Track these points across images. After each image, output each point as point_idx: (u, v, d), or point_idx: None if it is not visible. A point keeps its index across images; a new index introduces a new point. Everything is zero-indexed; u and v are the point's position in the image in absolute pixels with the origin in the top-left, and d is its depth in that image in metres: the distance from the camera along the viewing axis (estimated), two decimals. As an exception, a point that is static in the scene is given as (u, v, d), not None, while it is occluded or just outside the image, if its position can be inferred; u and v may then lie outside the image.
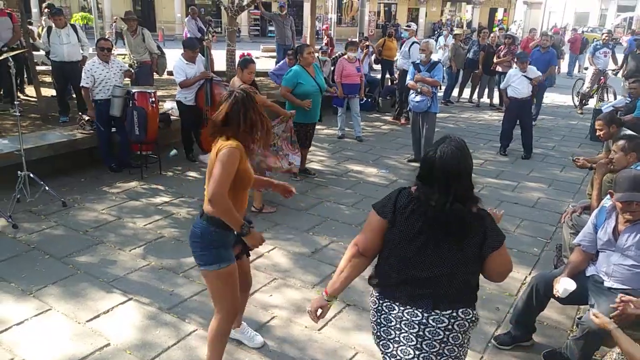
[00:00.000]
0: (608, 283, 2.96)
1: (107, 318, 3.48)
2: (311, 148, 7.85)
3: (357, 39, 10.93)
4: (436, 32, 26.41)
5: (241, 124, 2.55)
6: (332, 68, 9.73)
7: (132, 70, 6.59)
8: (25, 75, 9.26)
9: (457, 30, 12.50)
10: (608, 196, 3.16)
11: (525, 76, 7.38)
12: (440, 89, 7.46)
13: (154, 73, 8.43)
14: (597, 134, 4.87)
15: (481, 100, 11.87)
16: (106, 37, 6.85)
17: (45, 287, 3.79)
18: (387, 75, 11.76)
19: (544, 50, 9.41)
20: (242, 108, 2.57)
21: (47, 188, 5.17)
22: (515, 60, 7.87)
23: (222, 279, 2.69)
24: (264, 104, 5.03)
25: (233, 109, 2.57)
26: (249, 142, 2.62)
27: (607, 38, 11.99)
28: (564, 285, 2.91)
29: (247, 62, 5.29)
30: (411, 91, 7.10)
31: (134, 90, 6.02)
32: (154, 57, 8.18)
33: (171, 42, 24.08)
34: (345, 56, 8.31)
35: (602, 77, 11.22)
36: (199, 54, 6.61)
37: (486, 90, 11.67)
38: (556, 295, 2.97)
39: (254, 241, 2.70)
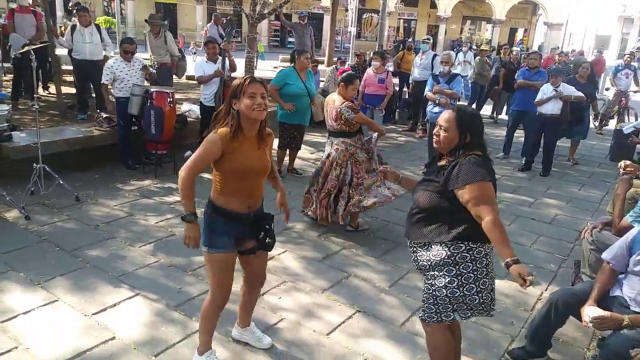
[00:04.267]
0: (634, 308, 2.83)
1: (113, 312, 3.43)
2: (326, 156, 7.84)
3: (384, 49, 10.92)
4: (455, 49, 26.38)
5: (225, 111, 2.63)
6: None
7: (153, 71, 6.63)
8: (47, 71, 9.33)
9: (483, 47, 12.32)
10: None
11: (555, 90, 7.22)
12: (458, 101, 7.36)
13: (174, 75, 8.48)
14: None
15: (499, 116, 11.76)
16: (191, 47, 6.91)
17: (53, 279, 3.76)
18: (405, 89, 11.72)
19: (533, 71, 8.10)
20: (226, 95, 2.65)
21: (61, 182, 5.18)
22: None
23: (209, 262, 2.75)
24: (362, 122, 4.91)
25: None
26: (235, 130, 2.58)
27: (629, 59, 11.86)
28: (591, 314, 2.80)
29: (352, 77, 4.79)
30: (429, 103, 7.04)
31: (152, 90, 6.04)
32: (175, 59, 8.23)
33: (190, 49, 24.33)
34: (372, 66, 8.34)
35: (623, 99, 11.06)
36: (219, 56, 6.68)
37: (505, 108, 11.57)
38: (586, 326, 2.86)
39: (186, 233, 2.66)
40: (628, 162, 4.46)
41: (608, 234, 3.79)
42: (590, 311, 2.83)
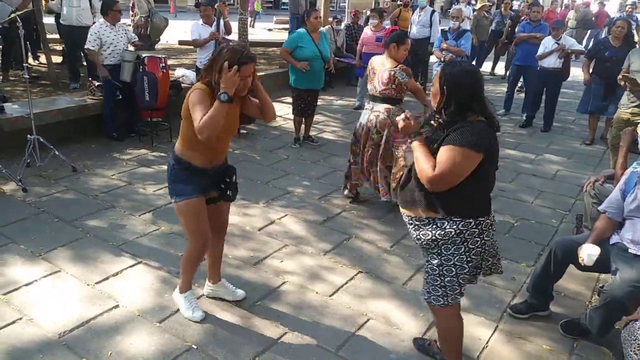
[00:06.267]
0: (633, 250, 2.83)
1: (116, 280, 3.43)
2: (324, 118, 7.76)
3: (381, 7, 10.63)
4: (454, 4, 25.79)
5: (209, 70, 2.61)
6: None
7: (135, 37, 6.42)
8: (36, 40, 9.10)
9: (481, 1, 11.93)
10: (637, 162, 3.01)
11: (557, 43, 7.05)
12: (466, 58, 7.17)
13: (149, 37, 8.16)
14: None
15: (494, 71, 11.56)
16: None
17: (54, 250, 3.75)
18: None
19: (534, 24, 7.95)
20: (217, 57, 2.58)
21: (56, 152, 5.12)
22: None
23: (182, 212, 2.82)
24: (414, 88, 4.57)
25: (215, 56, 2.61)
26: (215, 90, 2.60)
27: (630, 9, 11.59)
28: (587, 251, 2.80)
29: (403, 36, 4.44)
30: (436, 60, 6.89)
31: (144, 55, 5.90)
32: (141, 19, 7.88)
33: (183, 13, 23.82)
34: (369, 24, 8.12)
35: (625, 50, 10.84)
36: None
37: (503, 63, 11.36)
38: (582, 264, 2.85)
39: (228, 83, 2.49)
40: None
41: (610, 186, 3.75)
42: (588, 248, 2.84)
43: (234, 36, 10.41)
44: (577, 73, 11.82)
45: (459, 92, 2.25)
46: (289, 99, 6.68)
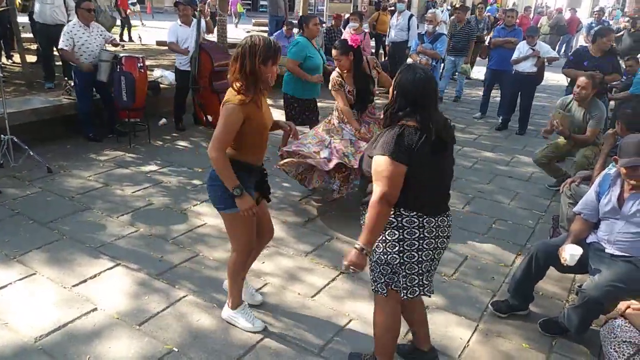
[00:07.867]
0: (609, 250, 2.91)
1: (94, 283, 3.37)
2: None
3: (362, 10, 10.70)
4: (429, 9, 26.08)
5: (241, 72, 2.52)
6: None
7: (113, 37, 6.33)
8: (9, 40, 8.88)
9: (457, 5, 12.13)
10: (612, 164, 3.09)
11: (532, 48, 7.19)
12: (443, 62, 7.26)
13: None
14: (578, 91, 4.86)
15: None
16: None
17: (29, 252, 3.66)
18: (381, 50, 11.58)
19: (509, 29, 8.10)
20: (242, 56, 2.52)
21: (31, 153, 5.01)
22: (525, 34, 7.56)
23: (232, 221, 2.75)
24: None
25: (238, 56, 2.54)
26: (255, 93, 2.56)
27: (598, 16, 11.91)
28: (570, 251, 2.86)
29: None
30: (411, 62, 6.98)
31: (121, 55, 5.82)
32: None
33: (160, 14, 23.55)
34: (349, 27, 8.17)
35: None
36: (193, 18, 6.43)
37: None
38: (564, 264, 2.91)
39: (242, 205, 2.61)
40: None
41: (586, 187, 3.84)
42: (570, 248, 2.90)
43: (213, 37, 10.32)
44: (548, 77, 12.11)
45: (404, 98, 2.27)
46: (270, 101, 6.64)
